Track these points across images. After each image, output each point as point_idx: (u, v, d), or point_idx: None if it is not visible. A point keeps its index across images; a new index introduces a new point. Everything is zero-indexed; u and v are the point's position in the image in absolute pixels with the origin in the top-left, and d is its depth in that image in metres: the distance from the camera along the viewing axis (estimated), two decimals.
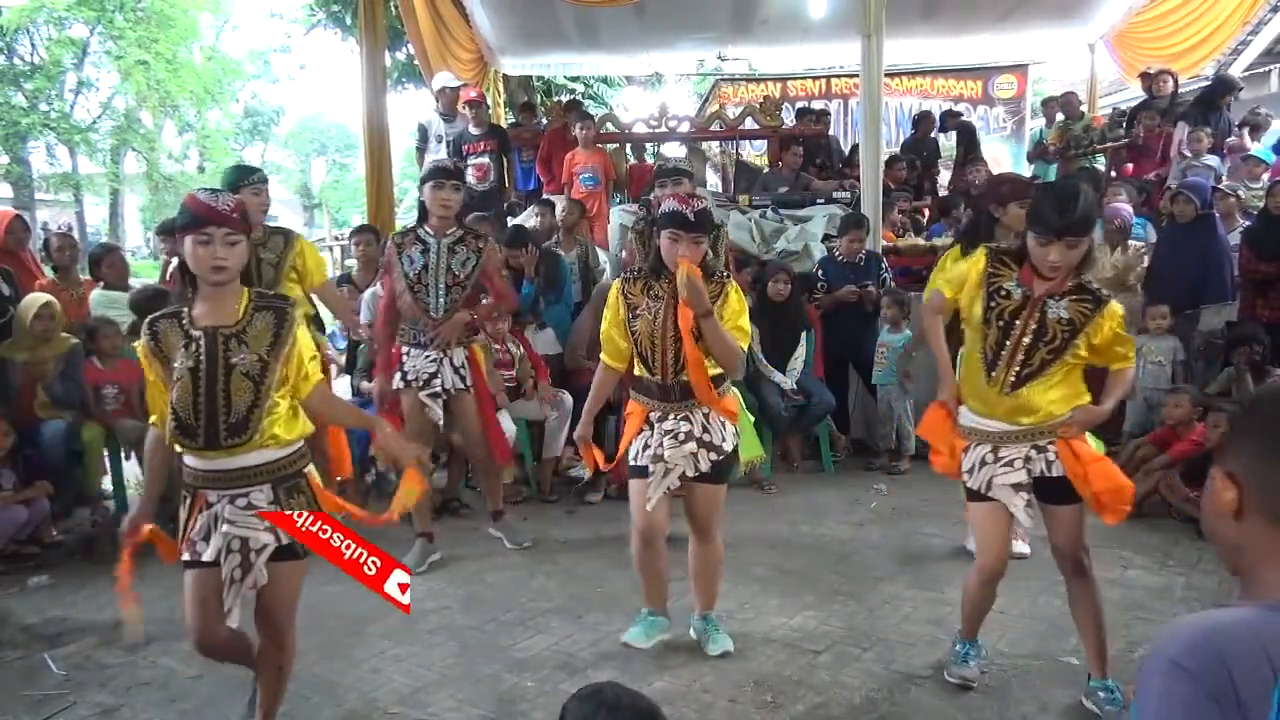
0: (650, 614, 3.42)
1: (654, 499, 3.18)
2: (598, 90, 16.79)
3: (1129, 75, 10.13)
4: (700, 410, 3.19)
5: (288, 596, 2.62)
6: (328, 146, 38.59)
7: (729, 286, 3.18)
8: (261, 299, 2.59)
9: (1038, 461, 2.83)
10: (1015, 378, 2.80)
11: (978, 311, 2.87)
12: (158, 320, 2.53)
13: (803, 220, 7.09)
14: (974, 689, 3.04)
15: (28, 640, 3.66)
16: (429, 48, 9.26)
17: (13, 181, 23.45)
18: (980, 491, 2.89)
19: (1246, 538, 1.13)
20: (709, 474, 3.20)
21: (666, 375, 3.16)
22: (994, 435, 2.87)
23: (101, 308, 5.60)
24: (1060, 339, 2.77)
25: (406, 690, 3.17)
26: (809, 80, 14.08)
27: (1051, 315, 2.78)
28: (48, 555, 4.66)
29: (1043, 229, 2.70)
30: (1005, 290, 2.84)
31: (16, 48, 22.72)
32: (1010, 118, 13.85)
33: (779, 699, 3.03)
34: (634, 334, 3.20)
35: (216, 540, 2.47)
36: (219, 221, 2.43)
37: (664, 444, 3.17)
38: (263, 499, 2.50)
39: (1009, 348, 2.80)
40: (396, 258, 4.25)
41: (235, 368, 2.45)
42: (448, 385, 4.28)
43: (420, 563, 4.31)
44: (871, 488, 5.47)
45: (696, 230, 3.06)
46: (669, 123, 9.11)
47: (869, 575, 4.11)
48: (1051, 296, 2.79)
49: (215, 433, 2.43)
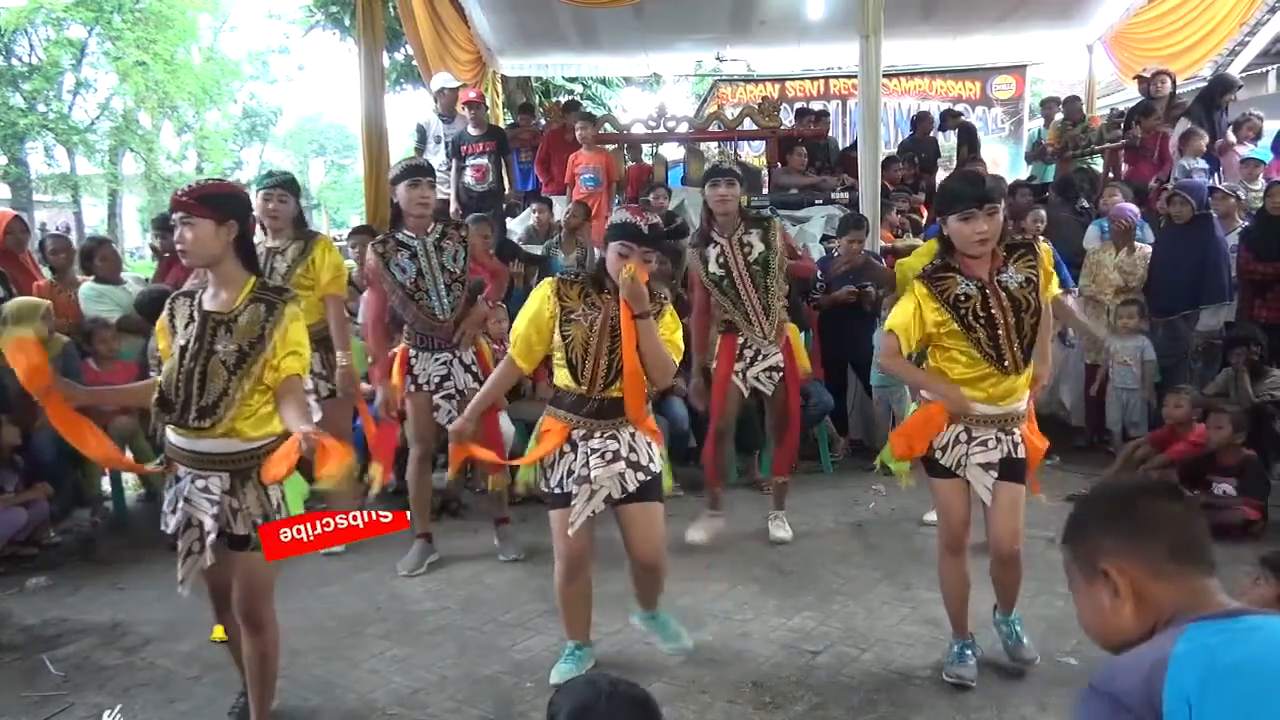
0: (577, 648, 3.21)
1: (578, 522, 2.99)
2: (596, 91, 16.80)
3: (1127, 76, 10.14)
4: (627, 429, 3.04)
5: (255, 585, 2.67)
6: (326, 147, 38.64)
7: (666, 308, 3.08)
8: (262, 291, 2.67)
9: (1005, 442, 3.00)
10: (1023, 353, 2.95)
11: (955, 326, 2.94)
12: (178, 298, 2.72)
13: (801, 221, 7.10)
14: (972, 689, 3.04)
15: (26, 641, 3.65)
16: (427, 48, 9.26)
17: (11, 182, 23.46)
18: (950, 469, 3.01)
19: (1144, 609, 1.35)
20: (638, 493, 3.03)
21: (594, 387, 2.99)
22: (972, 418, 3.00)
23: (91, 300, 5.55)
24: (1032, 301, 2.94)
25: (405, 691, 3.17)
26: (807, 81, 14.10)
27: (1012, 285, 2.95)
28: (46, 556, 4.66)
29: (963, 204, 2.89)
30: (962, 294, 2.94)
31: (15, 48, 22.70)
32: (1008, 118, 13.86)
33: (777, 699, 3.03)
34: (565, 339, 3.00)
35: (180, 516, 2.63)
36: (174, 207, 2.60)
37: (590, 464, 2.99)
38: (218, 486, 2.59)
39: (1002, 334, 2.92)
40: (384, 268, 4.10)
41: (215, 354, 2.57)
42: (460, 386, 4.21)
43: (419, 564, 4.29)
44: (870, 488, 5.46)
45: (649, 244, 2.99)
46: (667, 123, 9.12)
47: (867, 576, 4.11)
48: (998, 273, 2.96)
49: (187, 411, 2.56)
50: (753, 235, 4.33)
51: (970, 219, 2.88)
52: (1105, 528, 1.42)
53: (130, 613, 3.89)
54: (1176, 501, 1.43)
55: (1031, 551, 4.34)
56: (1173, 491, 1.51)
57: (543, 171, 8.64)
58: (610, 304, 3.01)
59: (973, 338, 2.92)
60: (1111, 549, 1.39)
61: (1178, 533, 1.38)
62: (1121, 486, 1.61)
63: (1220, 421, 4.67)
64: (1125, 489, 1.57)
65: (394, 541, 4.70)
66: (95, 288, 5.66)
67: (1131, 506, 1.42)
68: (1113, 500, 1.48)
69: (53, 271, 5.77)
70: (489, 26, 10.53)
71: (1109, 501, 1.48)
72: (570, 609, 3.19)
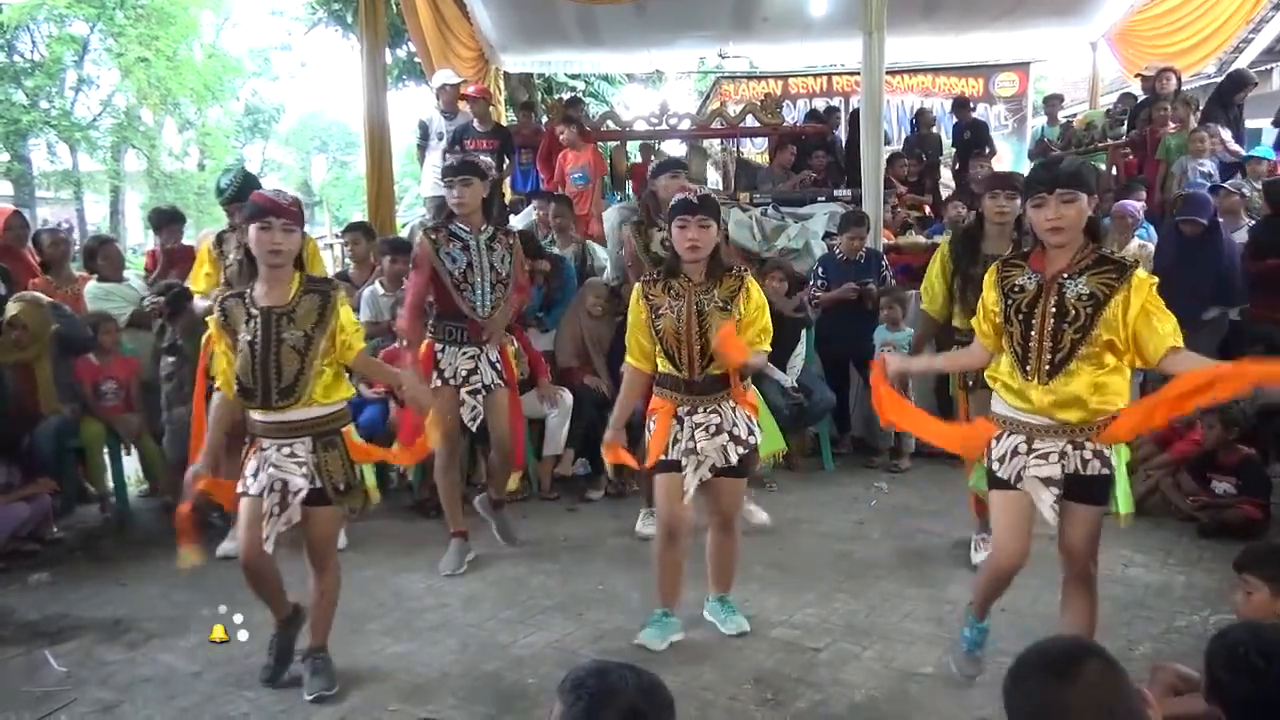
0: (664, 615, 3.44)
1: (690, 492, 3.26)
2: (599, 88, 16.78)
3: (1131, 73, 10.11)
4: (728, 403, 3.28)
5: (325, 535, 3.13)
6: (328, 144, 38.55)
7: (748, 281, 3.28)
8: (311, 283, 3.06)
9: (1073, 458, 2.68)
10: (1050, 365, 2.65)
11: (997, 317, 2.78)
12: (227, 299, 3.04)
13: (804, 218, 7.09)
14: (974, 687, 3.04)
15: (29, 637, 3.66)
16: (430, 45, 9.26)
17: (13, 179, 23.42)
18: (1009, 481, 2.76)
19: None
20: (734, 467, 3.31)
21: (694, 370, 3.24)
22: (1029, 427, 2.73)
23: (97, 300, 5.56)
24: (1084, 316, 2.61)
25: (408, 688, 3.17)
26: (810, 78, 14.06)
27: (1070, 294, 2.64)
28: (49, 552, 4.66)
29: (1035, 187, 2.68)
30: (1019, 285, 2.75)
31: (17, 45, 22.65)
32: (1012, 116, 13.82)
33: (779, 696, 3.03)
34: (659, 333, 3.26)
35: (263, 478, 2.97)
36: (277, 213, 2.91)
37: (695, 437, 3.25)
38: (303, 450, 2.99)
39: (1034, 338, 2.68)
40: (434, 255, 4.12)
41: (285, 342, 2.93)
42: (487, 381, 4.21)
43: (460, 563, 4.26)
44: (872, 485, 5.47)
45: (702, 212, 3.18)
46: (670, 120, 9.11)
47: (869, 573, 4.11)
48: (1068, 276, 2.67)
49: (269, 395, 2.93)
50: None
51: (1041, 205, 2.65)
52: None
53: (132, 609, 3.90)
54: (1086, 676, 1.47)
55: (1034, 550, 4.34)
56: (1081, 662, 1.51)
57: (544, 167, 8.62)
58: (691, 290, 3.24)
59: (1008, 330, 2.74)
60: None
61: (1090, 716, 1.44)
62: (1030, 667, 1.57)
63: (1210, 421, 4.65)
64: (1034, 672, 1.55)
65: (396, 539, 4.73)
66: (102, 286, 5.67)
67: (1038, 699, 1.49)
68: (1024, 690, 1.53)
69: (48, 268, 5.72)
70: (491, 23, 10.52)
71: (1022, 692, 1.53)
72: (664, 573, 3.44)
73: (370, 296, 5.61)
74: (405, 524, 5.03)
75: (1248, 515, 4.45)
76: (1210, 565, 4.10)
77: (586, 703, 1.43)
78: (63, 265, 5.78)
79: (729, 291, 3.24)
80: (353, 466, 3.08)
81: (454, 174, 4.15)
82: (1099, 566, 2.88)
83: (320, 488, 3.00)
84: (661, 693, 1.51)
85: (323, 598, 3.17)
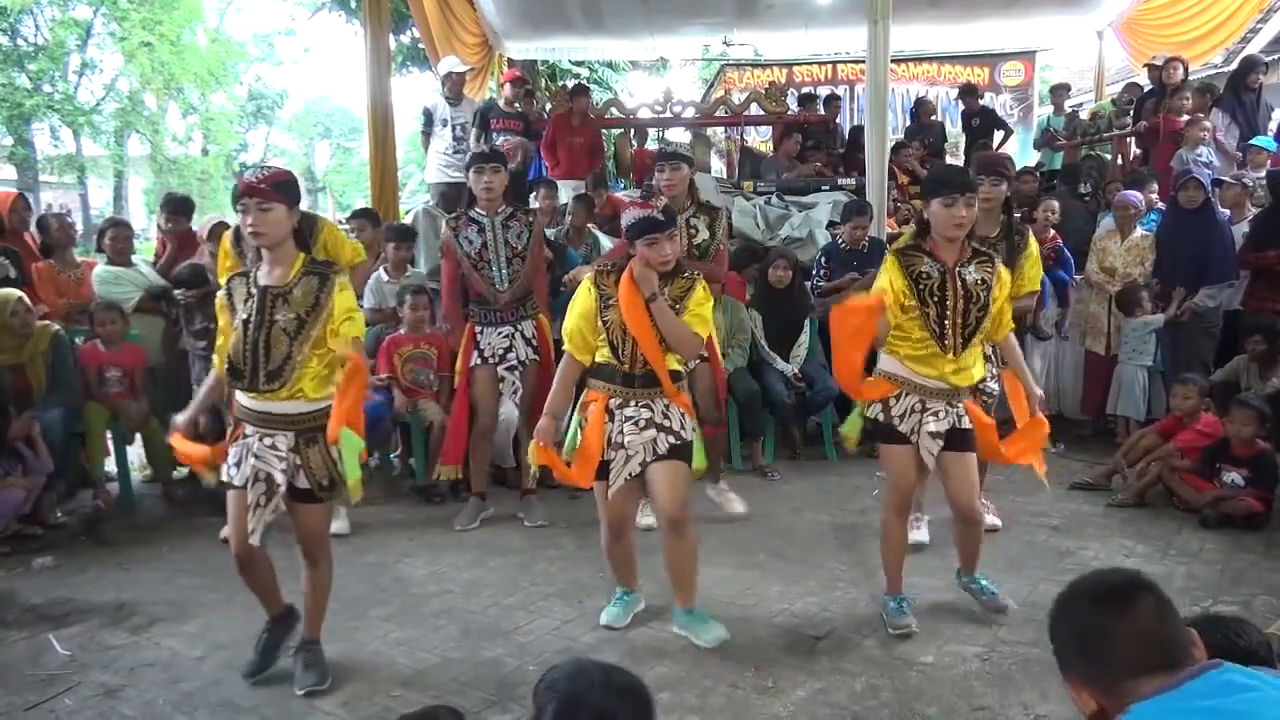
0: (625, 593, 3.53)
1: (615, 485, 3.25)
2: (603, 75, 16.73)
3: (1138, 63, 10.05)
4: (661, 399, 3.27)
5: (314, 529, 3.08)
6: (332, 130, 38.46)
7: (697, 282, 3.32)
8: (313, 265, 2.98)
9: (951, 414, 3.28)
10: (963, 339, 3.22)
11: (912, 300, 3.21)
12: (234, 278, 3.02)
13: (807, 207, 7.07)
14: (975, 683, 3.05)
15: (32, 621, 3.67)
16: (434, 31, 9.22)
17: (17, 163, 23.39)
18: (907, 435, 3.27)
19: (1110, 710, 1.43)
20: (667, 454, 3.24)
21: (635, 365, 3.25)
22: (925, 389, 3.26)
23: (105, 284, 5.52)
24: (981, 298, 3.22)
25: (409, 673, 3.18)
26: (815, 66, 14.02)
27: (969, 279, 3.22)
28: (52, 537, 4.68)
29: (948, 189, 3.17)
30: (924, 273, 3.22)
31: (20, 29, 22.57)
32: (1017, 105, 13.78)
33: (780, 684, 3.04)
34: (605, 323, 3.27)
35: (246, 469, 2.92)
36: (249, 192, 2.84)
37: (624, 430, 3.24)
38: (284, 444, 2.92)
39: (950, 316, 3.19)
40: (454, 240, 4.49)
41: (276, 323, 2.87)
42: (522, 357, 4.55)
43: (474, 519, 4.63)
44: (874, 475, 5.46)
45: (670, 226, 3.24)
46: (674, 108, 9.08)
47: (871, 562, 4.10)
48: (960, 265, 3.23)
49: (256, 376, 2.87)
50: (700, 221, 4.41)
51: (952, 205, 3.15)
52: (1065, 647, 1.53)
53: (136, 593, 3.91)
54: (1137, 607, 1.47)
55: (1034, 540, 4.36)
56: (1133, 595, 1.50)
57: (549, 155, 8.60)
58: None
59: (924, 312, 3.20)
60: (1070, 668, 1.51)
61: (1136, 646, 1.43)
62: (1081, 595, 1.57)
63: (1247, 419, 4.60)
64: (1084, 600, 1.56)
65: (398, 526, 4.75)
66: (111, 270, 5.60)
67: (1086, 625, 1.50)
68: (1072, 616, 1.55)
69: (49, 252, 5.68)
70: (495, 9, 10.48)
71: (1069, 617, 1.56)
72: (616, 565, 3.52)
73: (375, 283, 5.61)
74: (408, 510, 5.04)
75: (1250, 507, 4.44)
76: (1211, 556, 4.10)
77: (555, 705, 1.43)
78: (66, 250, 5.76)
79: (680, 290, 3.28)
80: (335, 463, 2.97)
81: (485, 161, 4.48)
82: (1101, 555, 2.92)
83: (306, 486, 2.97)
84: (637, 694, 1.47)
85: (315, 590, 3.14)
